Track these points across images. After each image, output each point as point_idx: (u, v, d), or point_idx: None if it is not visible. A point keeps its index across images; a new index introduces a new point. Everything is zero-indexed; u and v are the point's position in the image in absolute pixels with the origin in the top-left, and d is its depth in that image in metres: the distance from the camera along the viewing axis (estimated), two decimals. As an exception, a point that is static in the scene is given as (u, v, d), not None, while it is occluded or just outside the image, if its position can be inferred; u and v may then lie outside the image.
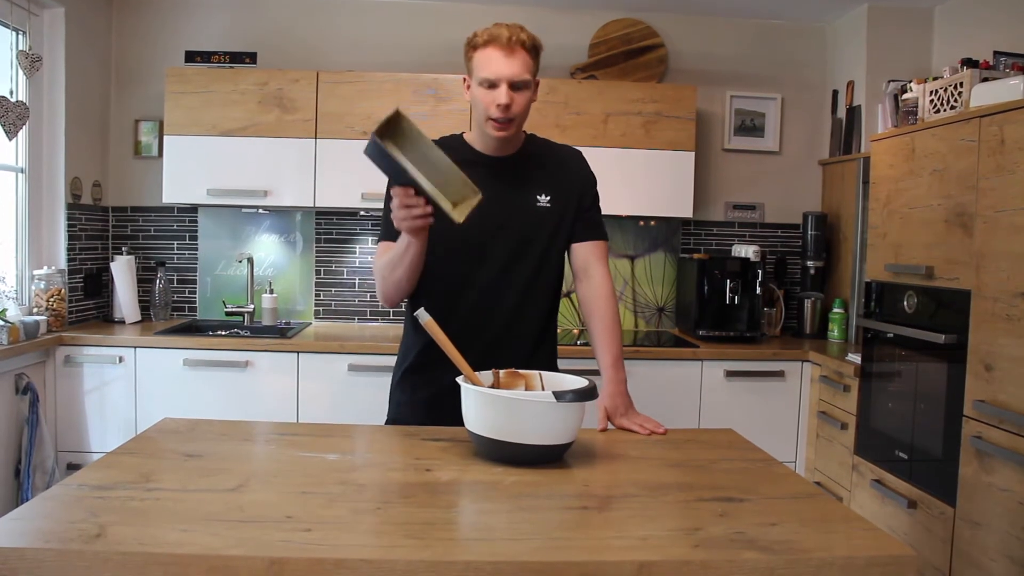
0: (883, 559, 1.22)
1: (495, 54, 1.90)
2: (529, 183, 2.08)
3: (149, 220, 4.14)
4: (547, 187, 2.08)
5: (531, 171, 2.09)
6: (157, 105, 3.96)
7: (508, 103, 1.91)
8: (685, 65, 4.26)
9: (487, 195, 1.85)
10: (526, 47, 1.92)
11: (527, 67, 1.93)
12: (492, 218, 1.99)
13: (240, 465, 1.62)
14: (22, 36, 3.42)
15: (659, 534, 1.29)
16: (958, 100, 2.89)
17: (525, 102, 1.96)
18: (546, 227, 2.07)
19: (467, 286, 2.03)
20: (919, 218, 2.93)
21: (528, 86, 1.95)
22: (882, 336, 3.13)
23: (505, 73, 1.90)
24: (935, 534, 2.73)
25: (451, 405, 1.85)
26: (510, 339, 2.04)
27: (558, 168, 2.12)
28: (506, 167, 2.06)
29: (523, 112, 1.97)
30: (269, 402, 3.45)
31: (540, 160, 2.11)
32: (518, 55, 1.91)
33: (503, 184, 2.04)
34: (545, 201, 2.07)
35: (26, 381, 3.22)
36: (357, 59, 4.07)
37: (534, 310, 2.10)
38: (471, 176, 1.79)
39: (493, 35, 1.91)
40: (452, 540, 1.28)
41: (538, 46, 1.97)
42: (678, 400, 3.58)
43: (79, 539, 1.18)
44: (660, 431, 1.92)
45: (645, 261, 4.30)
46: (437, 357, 1.88)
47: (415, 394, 2.12)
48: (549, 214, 2.07)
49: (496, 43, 1.90)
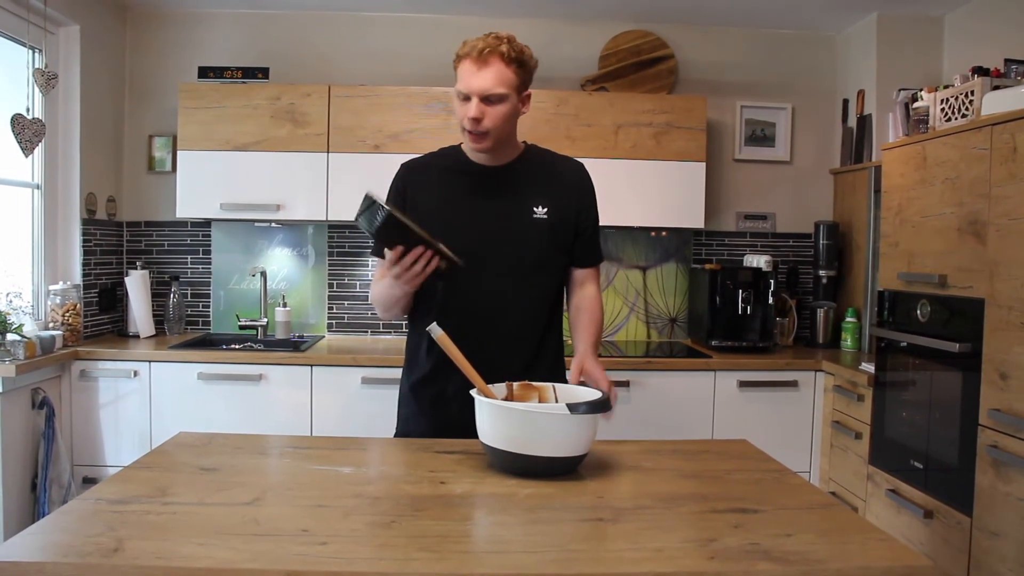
0: (899, 569, 1.22)
1: (469, 67, 1.89)
2: (525, 194, 2.05)
3: (163, 235, 4.17)
4: (544, 198, 2.05)
5: (527, 182, 2.06)
6: (171, 120, 4.00)
7: (478, 116, 1.88)
8: (695, 76, 4.27)
9: (479, 205, 1.95)
10: (505, 59, 1.88)
11: (502, 80, 1.88)
12: (486, 229, 1.99)
13: (256, 479, 1.63)
14: (38, 54, 3.46)
15: (674, 546, 1.29)
16: (969, 108, 2.89)
17: (500, 116, 1.92)
18: (543, 239, 2.05)
19: (465, 299, 2.00)
20: (931, 226, 2.92)
21: (504, 99, 1.90)
22: (895, 345, 3.12)
23: (475, 86, 1.88)
24: (952, 544, 2.71)
25: (460, 418, 1.86)
26: (510, 351, 2.02)
27: (557, 180, 2.09)
28: (500, 177, 2.05)
29: (500, 125, 1.93)
30: (283, 415, 3.46)
31: (538, 171, 2.09)
32: (492, 67, 1.87)
33: (497, 195, 2.04)
34: (542, 213, 2.04)
35: (42, 396, 3.24)
36: (368, 73, 4.10)
37: (533, 322, 2.08)
38: (463, 183, 1.99)
39: (470, 47, 1.89)
40: (467, 553, 1.28)
41: (524, 58, 1.92)
42: (691, 411, 3.57)
43: (97, 553, 1.19)
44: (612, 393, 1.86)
45: (657, 272, 4.30)
46: (443, 369, 1.89)
47: (422, 407, 2.11)
48: (546, 226, 2.04)
49: (470, 56, 1.88)
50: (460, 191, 2.06)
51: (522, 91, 1.96)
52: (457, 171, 2.07)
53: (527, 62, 1.94)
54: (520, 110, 1.98)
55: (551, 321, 2.13)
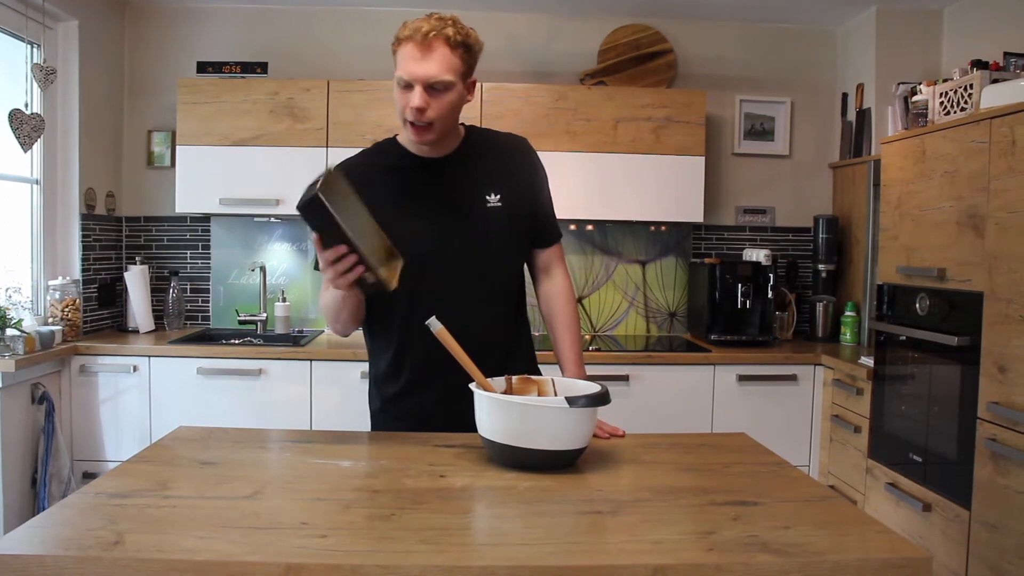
0: (897, 561, 1.22)
1: (411, 51, 1.74)
2: (475, 183, 1.92)
3: (162, 230, 4.17)
4: (496, 185, 1.92)
5: (475, 169, 1.93)
6: (169, 115, 3.99)
7: (422, 106, 1.74)
8: (694, 70, 4.27)
9: (427, 203, 1.84)
10: (451, 43, 1.75)
11: (448, 66, 1.74)
12: (440, 226, 1.88)
13: (255, 472, 1.63)
14: (36, 49, 3.46)
15: (673, 538, 1.29)
16: (968, 102, 2.89)
17: (446, 104, 1.78)
18: (500, 228, 1.92)
19: (424, 301, 1.83)
20: (930, 220, 2.93)
21: (450, 88, 1.76)
22: (895, 339, 3.12)
23: (419, 73, 1.73)
24: (951, 537, 2.72)
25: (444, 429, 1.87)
26: (479, 349, 1.76)
27: (505, 162, 1.97)
28: (446, 169, 1.91)
29: (445, 115, 1.79)
30: (283, 410, 3.47)
31: (484, 156, 1.95)
32: (437, 53, 1.73)
33: (444, 189, 1.91)
34: (496, 200, 1.91)
35: (42, 391, 3.25)
36: (367, 67, 4.09)
37: (499, 317, 1.98)
38: (409, 181, 1.85)
39: (413, 30, 1.75)
40: (467, 545, 1.29)
41: (470, 42, 1.79)
42: (690, 405, 3.58)
43: (98, 546, 1.19)
44: (619, 434, 1.86)
45: (656, 266, 4.30)
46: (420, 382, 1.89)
47: (404, 424, 2.01)
48: (501, 214, 1.92)
49: (413, 39, 1.74)
50: (404, 190, 1.91)
51: (467, 77, 1.82)
52: (398, 168, 1.92)
53: (473, 46, 1.81)
54: (466, 98, 1.84)
55: (518, 313, 2.04)
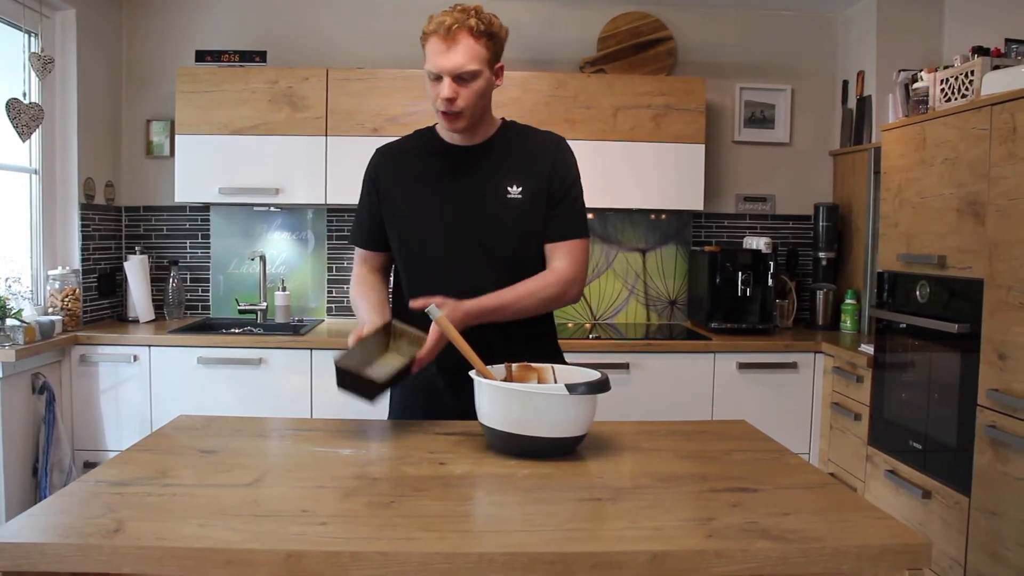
0: (896, 547, 1.22)
1: (437, 45, 1.81)
2: (499, 174, 1.96)
3: (162, 219, 4.17)
4: (519, 178, 1.95)
5: (502, 161, 1.97)
6: (168, 105, 3.98)
7: (451, 96, 1.82)
8: (694, 58, 4.25)
9: (448, 188, 1.93)
10: (474, 33, 1.80)
11: (473, 56, 1.81)
12: (458, 213, 1.93)
13: (255, 460, 1.63)
14: (34, 38, 3.45)
15: (672, 524, 1.29)
16: (969, 88, 2.88)
17: (474, 93, 1.84)
18: (516, 220, 1.95)
19: (441, 287, 1.85)
20: (931, 207, 2.92)
21: (477, 76, 1.83)
22: (895, 326, 3.12)
23: (446, 66, 1.81)
24: (950, 524, 2.73)
25: (454, 407, 1.89)
26: (493, 338, 1.84)
27: (532, 157, 1.98)
28: (474, 157, 1.97)
29: (474, 103, 1.86)
30: (283, 399, 3.47)
31: (514, 149, 1.99)
32: (462, 44, 1.80)
33: (468, 176, 1.96)
34: (516, 192, 1.94)
35: (42, 381, 3.25)
36: (367, 56, 4.08)
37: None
38: (439, 166, 1.96)
39: (437, 23, 1.81)
40: (467, 532, 1.29)
41: (493, 29, 1.84)
42: (691, 393, 3.58)
43: (98, 534, 1.19)
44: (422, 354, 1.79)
45: (656, 254, 4.29)
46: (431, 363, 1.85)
47: (419, 399, 2.04)
48: (520, 206, 1.94)
49: (437, 33, 1.80)
50: (429, 175, 1.99)
51: (495, 64, 1.88)
52: (428, 153, 1.98)
53: (497, 33, 1.86)
54: (494, 83, 1.91)
55: None
